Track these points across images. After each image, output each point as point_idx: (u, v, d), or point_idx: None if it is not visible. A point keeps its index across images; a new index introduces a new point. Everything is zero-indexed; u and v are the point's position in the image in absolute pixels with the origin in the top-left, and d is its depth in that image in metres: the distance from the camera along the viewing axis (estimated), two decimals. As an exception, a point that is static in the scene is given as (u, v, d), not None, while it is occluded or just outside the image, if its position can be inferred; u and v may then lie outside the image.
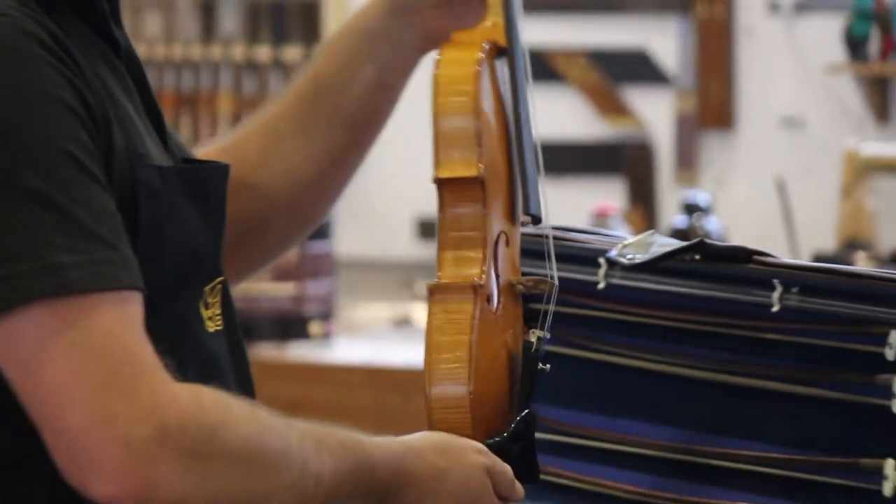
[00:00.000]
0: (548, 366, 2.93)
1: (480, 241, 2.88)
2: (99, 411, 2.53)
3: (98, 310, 2.55)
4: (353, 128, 3.03)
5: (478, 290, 2.84)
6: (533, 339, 2.93)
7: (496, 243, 2.91)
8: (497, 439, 2.85)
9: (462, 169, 2.88)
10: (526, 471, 2.86)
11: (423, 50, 3.02)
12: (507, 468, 2.82)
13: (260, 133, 3.01)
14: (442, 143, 2.89)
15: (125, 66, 2.77)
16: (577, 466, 3.17)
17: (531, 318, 2.97)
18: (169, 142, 2.80)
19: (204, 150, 3.07)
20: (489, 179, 2.90)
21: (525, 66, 2.98)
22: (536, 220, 2.93)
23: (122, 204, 2.61)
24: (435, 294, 2.84)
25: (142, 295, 2.57)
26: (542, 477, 3.16)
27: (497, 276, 2.91)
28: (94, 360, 2.54)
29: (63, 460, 2.55)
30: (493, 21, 2.97)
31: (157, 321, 2.62)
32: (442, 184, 2.89)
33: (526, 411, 2.90)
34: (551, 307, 2.95)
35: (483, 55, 2.91)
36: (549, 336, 2.94)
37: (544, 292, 2.96)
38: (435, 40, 3.01)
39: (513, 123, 2.96)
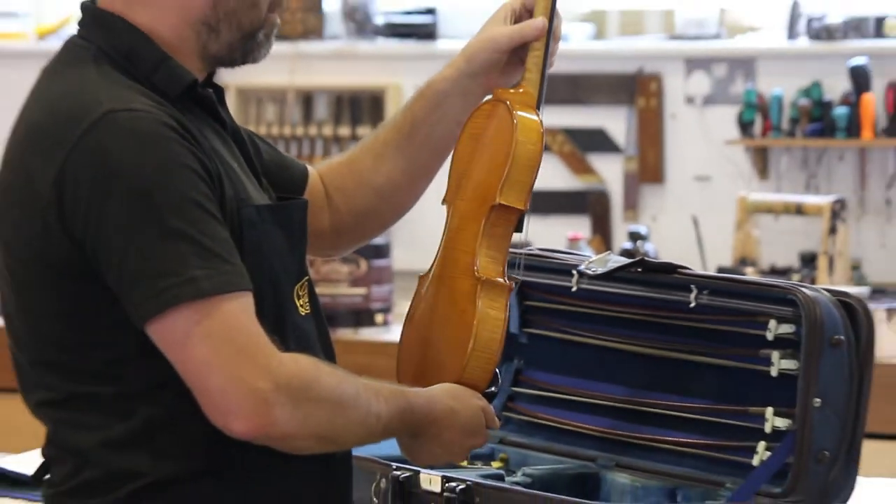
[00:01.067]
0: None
1: (506, 252, 2.85)
2: (231, 375, 2.55)
3: (223, 306, 2.55)
4: (436, 152, 2.99)
5: (510, 290, 2.80)
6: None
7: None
8: (492, 390, 2.81)
9: (516, 202, 2.82)
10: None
11: (482, 98, 2.96)
12: (491, 407, 2.79)
13: (369, 153, 2.97)
14: (508, 180, 2.83)
15: (231, 137, 2.75)
16: (556, 413, 3.15)
17: None
18: (263, 184, 2.77)
19: (328, 164, 3.04)
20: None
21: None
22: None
23: (232, 232, 2.61)
24: (485, 285, 2.80)
25: (251, 293, 2.57)
26: (532, 420, 3.18)
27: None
28: (223, 341, 2.55)
29: (209, 411, 2.56)
30: (524, 88, 2.89)
31: (264, 310, 2.62)
32: (498, 206, 2.83)
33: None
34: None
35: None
36: None
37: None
38: (489, 92, 2.95)
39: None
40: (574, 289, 3.11)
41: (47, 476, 2.74)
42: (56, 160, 2.56)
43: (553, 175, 5.40)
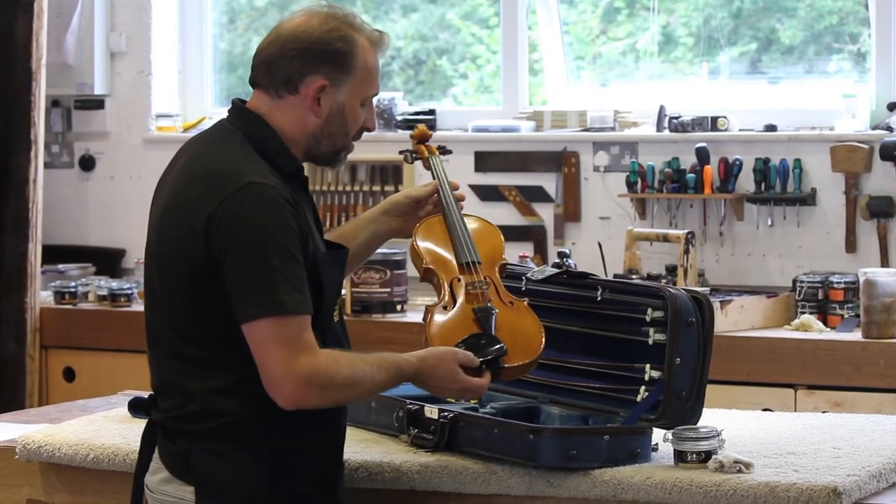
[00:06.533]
0: (487, 312, 2.79)
1: (438, 284, 2.85)
2: (286, 369, 2.52)
3: (293, 322, 2.53)
4: (357, 259, 2.94)
5: (432, 309, 2.80)
6: (477, 306, 2.81)
7: (451, 282, 2.83)
8: (460, 344, 2.74)
9: (419, 265, 2.88)
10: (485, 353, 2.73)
11: (386, 232, 2.95)
12: (469, 354, 2.70)
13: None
14: (414, 258, 2.90)
15: (310, 201, 2.73)
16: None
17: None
18: (323, 235, 2.74)
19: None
20: (437, 264, 2.85)
21: (458, 220, 2.91)
22: (470, 265, 2.85)
23: (314, 272, 2.60)
24: (427, 310, 2.81)
25: (310, 315, 2.55)
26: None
27: (453, 295, 2.82)
28: (288, 345, 2.52)
29: (268, 387, 2.54)
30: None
31: (321, 321, 2.61)
32: (421, 271, 2.88)
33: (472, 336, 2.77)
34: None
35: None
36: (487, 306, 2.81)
37: (483, 301, 2.83)
38: (394, 229, 2.95)
39: (454, 238, 2.90)
40: (523, 288, 3.06)
41: (155, 405, 2.68)
42: (212, 203, 2.55)
43: (510, 216, 5.38)
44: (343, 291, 2.82)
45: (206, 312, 2.58)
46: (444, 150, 3.02)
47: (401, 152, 3.05)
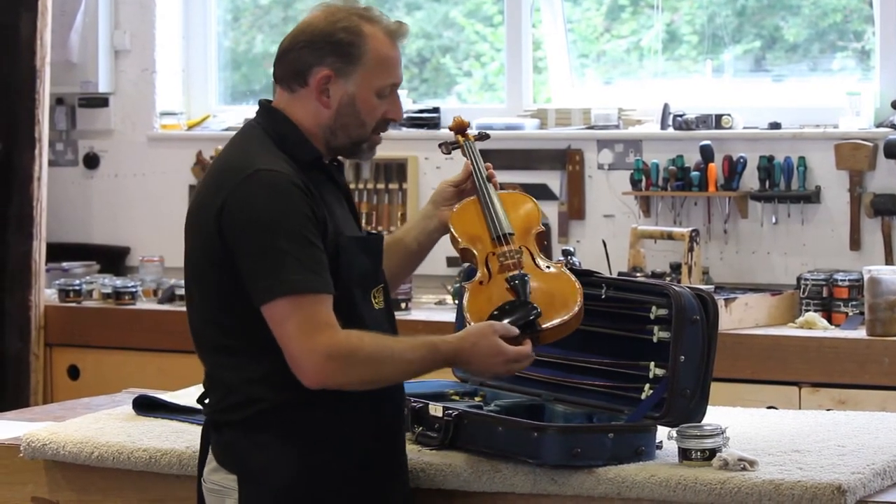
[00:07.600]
0: (521, 279, 2.78)
1: (476, 262, 2.85)
2: (306, 346, 2.53)
3: (309, 301, 2.54)
4: (409, 256, 2.96)
5: (469, 286, 2.81)
6: (510, 274, 2.79)
7: (486, 258, 2.84)
8: (494, 312, 2.73)
9: (456, 246, 2.88)
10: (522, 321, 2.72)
11: (436, 223, 2.95)
12: (506, 324, 2.68)
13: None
14: (452, 241, 2.90)
15: (343, 193, 2.74)
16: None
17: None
18: (360, 223, 2.76)
19: None
20: (472, 242, 2.86)
21: (488, 197, 2.92)
22: (503, 237, 2.85)
23: (334, 255, 2.60)
24: (465, 286, 2.83)
25: (330, 295, 2.55)
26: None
27: (488, 269, 2.83)
28: (305, 323, 2.53)
29: (292, 366, 2.55)
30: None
31: (350, 305, 2.61)
32: (459, 252, 2.89)
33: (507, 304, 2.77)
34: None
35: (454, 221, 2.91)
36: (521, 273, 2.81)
37: (516, 269, 2.82)
38: (441, 219, 2.95)
39: (486, 215, 2.90)
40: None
41: (206, 400, 2.72)
42: (222, 195, 2.59)
43: (513, 214, 5.38)
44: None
45: (232, 303, 2.60)
46: (480, 137, 3.03)
47: (440, 145, 3.05)
